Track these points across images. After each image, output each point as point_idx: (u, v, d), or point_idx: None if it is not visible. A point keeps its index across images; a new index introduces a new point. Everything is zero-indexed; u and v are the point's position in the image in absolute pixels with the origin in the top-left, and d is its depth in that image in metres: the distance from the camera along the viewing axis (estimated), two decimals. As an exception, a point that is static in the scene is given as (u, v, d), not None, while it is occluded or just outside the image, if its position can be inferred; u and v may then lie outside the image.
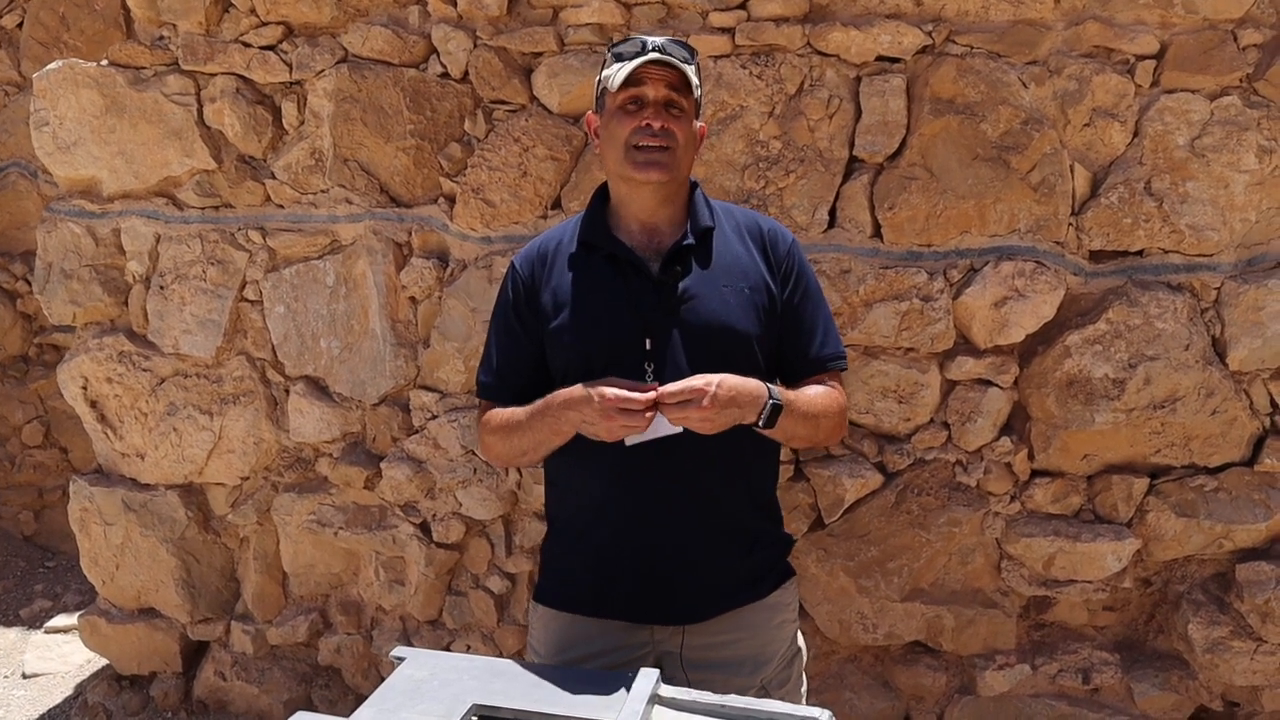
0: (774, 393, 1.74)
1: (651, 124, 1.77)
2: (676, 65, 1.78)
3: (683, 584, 1.86)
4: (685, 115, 1.82)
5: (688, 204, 1.90)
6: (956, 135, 2.54)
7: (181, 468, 3.09)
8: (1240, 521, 2.62)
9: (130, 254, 3.01)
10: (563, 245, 1.92)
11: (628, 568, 1.86)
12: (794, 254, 1.92)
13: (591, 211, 1.92)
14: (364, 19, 2.76)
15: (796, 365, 1.92)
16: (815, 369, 1.91)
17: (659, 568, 1.85)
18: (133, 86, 2.89)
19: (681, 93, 1.81)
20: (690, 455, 1.78)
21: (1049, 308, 2.57)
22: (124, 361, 3.04)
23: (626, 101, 1.80)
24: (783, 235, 1.94)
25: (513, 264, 1.96)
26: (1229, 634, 2.65)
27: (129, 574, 3.18)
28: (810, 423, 1.83)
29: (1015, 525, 2.69)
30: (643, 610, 1.88)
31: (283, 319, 2.94)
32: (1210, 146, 2.50)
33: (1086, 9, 2.49)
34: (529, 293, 1.92)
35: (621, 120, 1.80)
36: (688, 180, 1.91)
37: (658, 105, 1.79)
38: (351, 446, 2.99)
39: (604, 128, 1.86)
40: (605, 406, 1.67)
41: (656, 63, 1.77)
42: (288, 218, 2.91)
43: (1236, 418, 2.60)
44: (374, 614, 3.10)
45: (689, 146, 1.84)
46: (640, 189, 1.83)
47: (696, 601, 1.88)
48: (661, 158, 1.78)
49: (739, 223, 1.93)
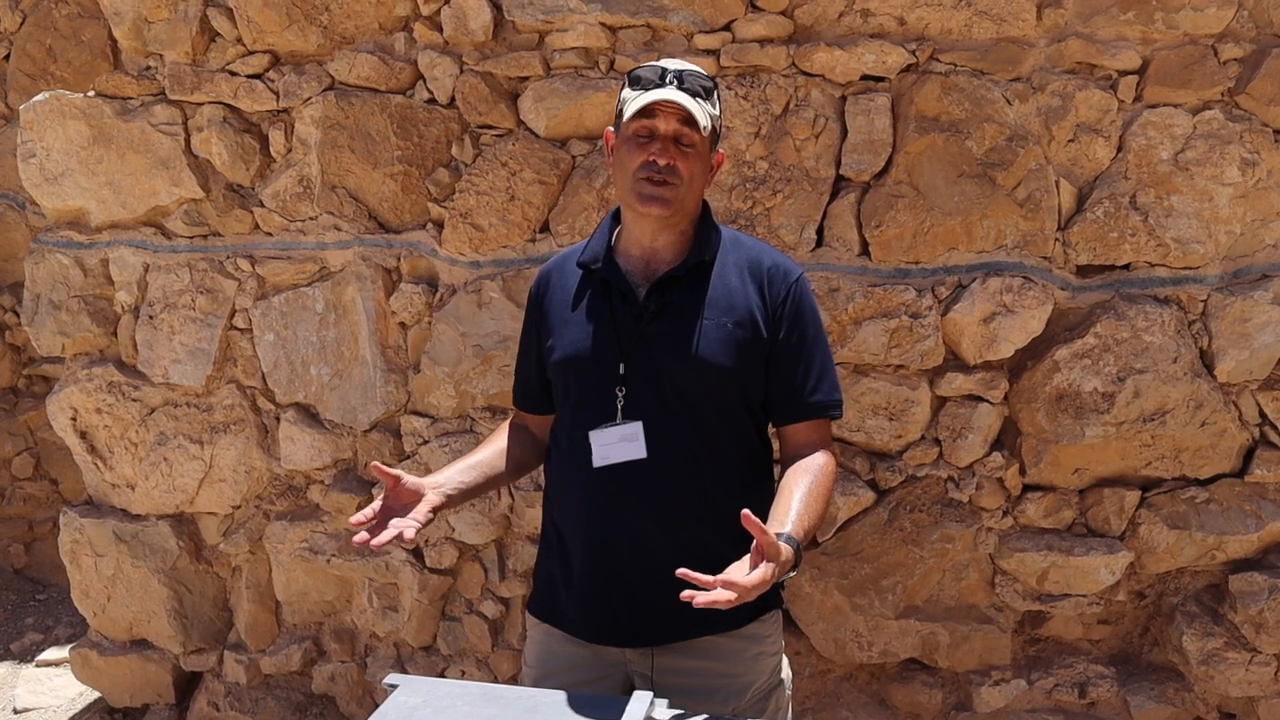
0: (796, 555, 1.66)
1: (658, 160, 1.76)
2: (684, 108, 1.74)
3: (649, 607, 1.84)
4: (695, 150, 1.79)
5: (695, 230, 1.89)
6: (942, 153, 2.56)
7: (172, 497, 3.07)
8: (1232, 532, 2.62)
9: (119, 284, 3.01)
10: (570, 266, 1.95)
11: (598, 588, 1.86)
12: (794, 295, 1.86)
13: (602, 231, 1.93)
14: (350, 46, 2.77)
15: (785, 408, 1.88)
16: (804, 414, 1.87)
17: (627, 590, 1.84)
18: (120, 117, 2.89)
19: (694, 127, 1.78)
20: (660, 480, 1.78)
21: (1037, 323, 2.58)
22: (113, 392, 3.03)
23: (639, 131, 1.79)
24: (784, 274, 1.87)
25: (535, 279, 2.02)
26: (1223, 645, 2.65)
27: (120, 605, 3.16)
28: (817, 519, 1.77)
29: (1008, 540, 2.69)
30: (612, 630, 1.88)
31: (272, 346, 2.93)
32: (1194, 160, 2.52)
33: (1068, 26, 2.52)
34: (536, 309, 1.98)
35: (632, 150, 1.79)
36: (695, 210, 1.90)
37: (666, 140, 1.77)
38: (343, 473, 2.98)
39: (617, 150, 1.85)
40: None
41: (669, 101, 1.75)
42: (276, 245, 2.91)
43: (1226, 429, 2.61)
44: (368, 641, 3.09)
45: (695, 181, 1.82)
46: (642, 218, 1.83)
47: (665, 625, 1.85)
48: (664, 193, 1.77)
49: (743, 256, 1.89)
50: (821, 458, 1.84)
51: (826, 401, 1.88)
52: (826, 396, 1.88)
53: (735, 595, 1.52)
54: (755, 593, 1.55)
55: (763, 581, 1.55)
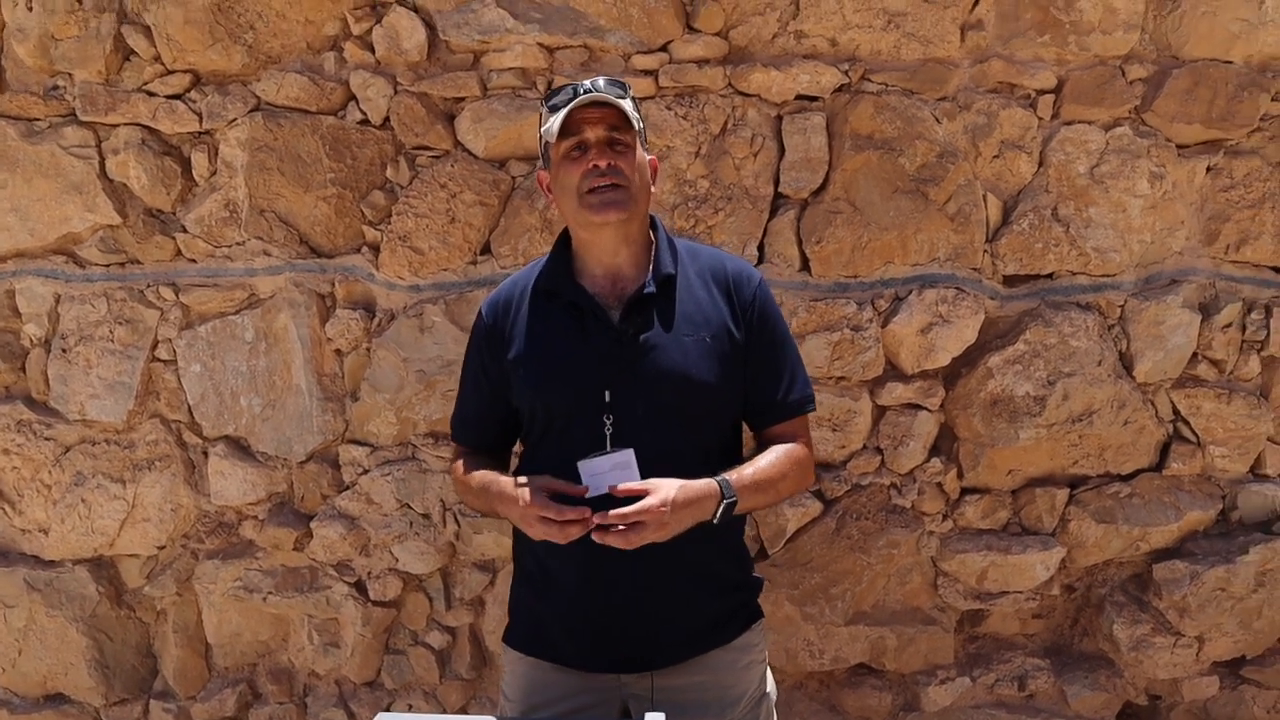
0: (727, 490, 1.74)
1: (598, 164, 1.77)
2: (611, 103, 1.78)
3: (650, 632, 1.86)
4: (630, 150, 1.82)
5: (650, 245, 1.91)
6: (877, 169, 2.64)
7: (90, 540, 2.90)
8: (1154, 524, 2.78)
9: (27, 316, 2.83)
10: (527, 291, 1.91)
11: (593, 617, 1.85)
12: (760, 297, 1.91)
13: (555, 256, 1.91)
14: (277, 66, 2.69)
15: (764, 411, 1.93)
16: (783, 414, 1.92)
17: (626, 616, 1.84)
18: (25, 139, 2.73)
19: (622, 130, 1.80)
20: None
21: (971, 331, 2.69)
22: (23, 431, 2.85)
23: (569, 149, 1.79)
24: (748, 278, 1.92)
25: (480, 310, 1.95)
26: (1150, 631, 2.80)
27: (33, 659, 2.96)
28: (768, 492, 1.84)
29: (949, 543, 2.79)
30: (610, 658, 1.87)
31: (199, 378, 2.81)
32: (1108, 174, 2.66)
33: (989, 48, 2.64)
34: (493, 340, 1.91)
35: (568, 169, 1.79)
36: (647, 217, 1.91)
37: (600, 145, 1.79)
38: (278, 507, 2.87)
39: (554, 180, 1.84)
40: (526, 514, 1.71)
41: (591, 104, 1.77)
42: (201, 272, 2.79)
43: (1145, 426, 2.77)
44: (307, 680, 2.97)
45: (642, 180, 1.84)
46: (601, 231, 1.82)
47: (664, 648, 1.87)
48: (616, 196, 1.78)
49: (704, 265, 1.91)
50: (793, 443, 1.91)
51: (801, 398, 1.95)
52: (800, 394, 1.95)
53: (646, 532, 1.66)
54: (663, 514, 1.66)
55: (662, 501, 1.66)
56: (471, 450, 2.01)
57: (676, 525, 1.70)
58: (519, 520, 1.76)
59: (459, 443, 2.04)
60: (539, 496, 1.71)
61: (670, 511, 1.67)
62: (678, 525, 1.70)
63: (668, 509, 1.67)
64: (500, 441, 2.01)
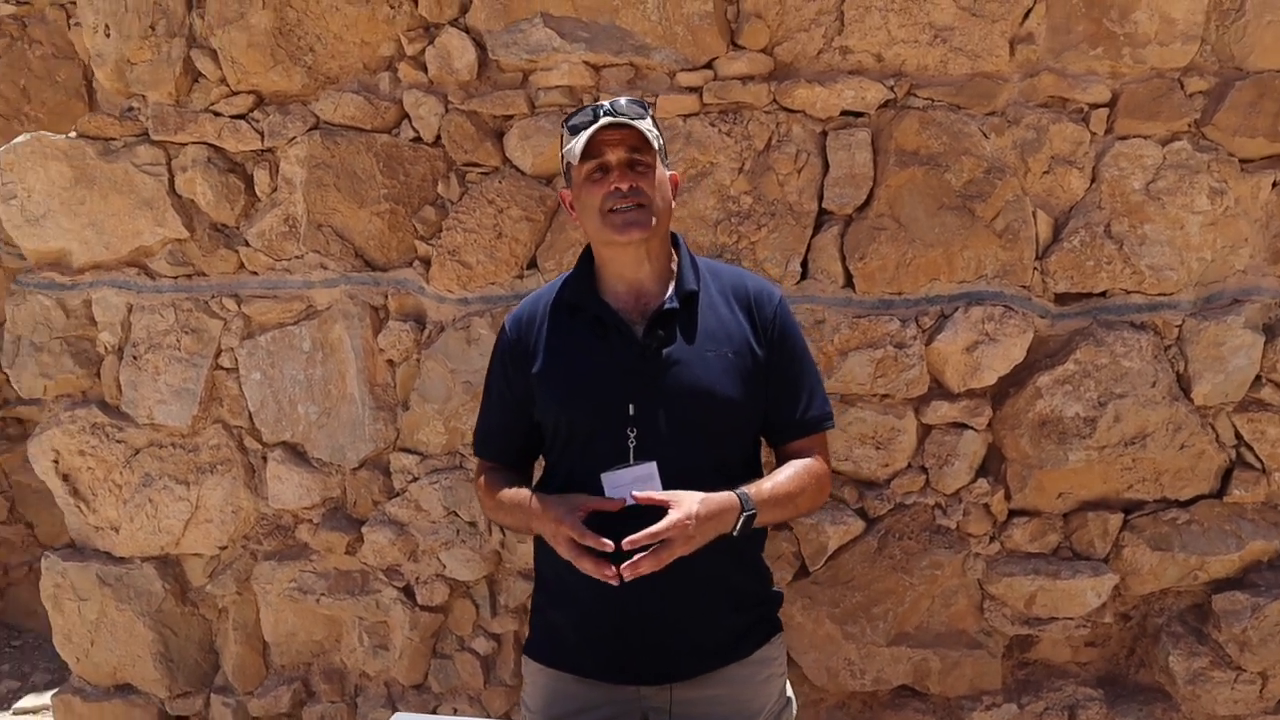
0: (746, 502, 1.76)
1: (620, 186, 1.80)
2: (631, 124, 1.80)
3: (669, 644, 1.87)
4: (651, 169, 1.84)
5: (672, 261, 1.93)
6: (922, 185, 2.61)
7: (157, 539, 3.04)
8: (1213, 553, 2.67)
9: (102, 325, 2.99)
10: (550, 306, 1.94)
11: (613, 628, 1.87)
12: (780, 315, 1.92)
13: (579, 272, 1.95)
14: (335, 86, 2.79)
15: (783, 428, 1.94)
16: (801, 431, 1.93)
17: (644, 628, 1.85)
18: (102, 158, 2.89)
19: (642, 150, 1.83)
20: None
21: (1019, 350, 2.63)
22: (97, 434, 3.01)
23: (591, 171, 1.82)
24: (769, 296, 1.94)
25: (503, 326, 1.99)
26: (1209, 664, 2.69)
27: (104, 650, 3.12)
28: (786, 506, 1.86)
29: (995, 565, 2.73)
30: (629, 670, 1.89)
31: (259, 386, 2.93)
32: (1165, 190, 2.58)
33: (1040, 61, 2.58)
34: (517, 355, 1.94)
35: (590, 190, 1.82)
36: (669, 235, 1.94)
37: (621, 167, 1.81)
38: (332, 512, 2.97)
39: (576, 200, 1.87)
40: (559, 533, 1.74)
41: (610, 126, 1.79)
42: (262, 284, 2.91)
43: (1204, 451, 2.67)
44: (358, 681, 3.06)
45: (664, 199, 1.86)
46: (624, 250, 1.85)
47: (683, 661, 1.88)
48: (638, 216, 1.80)
49: (725, 284, 1.93)
50: (811, 458, 1.92)
51: (820, 415, 1.96)
52: (819, 411, 1.96)
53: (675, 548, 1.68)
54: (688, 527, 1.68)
55: (687, 515, 1.68)
56: (495, 465, 2.05)
57: (701, 538, 1.71)
58: (550, 538, 1.79)
59: (482, 457, 2.08)
60: (572, 517, 1.74)
61: (695, 524, 1.69)
62: (702, 538, 1.72)
63: (692, 522, 1.69)
64: (523, 456, 2.04)
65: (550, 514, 1.77)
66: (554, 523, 1.75)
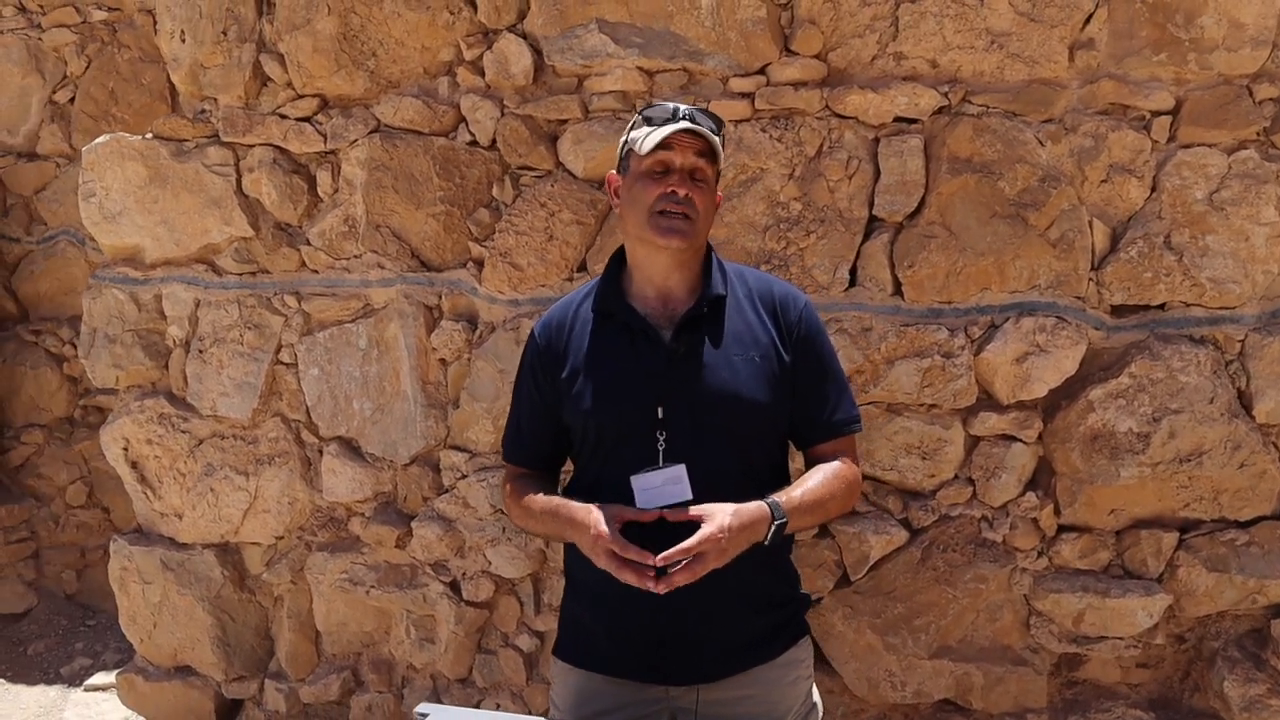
0: (777, 511, 1.76)
1: (677, 191, 1.82)
2: (706, 135, 1.83)
3: (696, 646, 1.88)
4: (708, 184, 1.87)
5: (702, 269, 1.94)
6: (974, 193, 2.58)
7: (218, 527, 3.15)
8: (1274, 576, 2.58)
9: (171, 319, 3.11)
10: (580, 312, 1.97)
11: (642, 630, 1.88)
12: (805, 318, 1.93)
13: (608, 277, 1.97)
14: (395, 90, 2.86)
15: (809, 431, 1.94)
16: (828, 434, 1.93)
17: (672, 630, 1.87)
18: (175, 158, 3.00)
19: (708, 161, 1.85)
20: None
21: (1071, 362, 2.58)
22: (164, 423, 3.13)
23: (654, 166, 1.84)
24: (794, 300, 1.94)
25: (533, 331, 2.02)
26: (1266, 691, 2.60)
27: (166, 632, 3.24)
28: (817, 512, 1.86)
29: (1043, 581, 2.67)
30: (657, 671, 1.90)
31: (317, 381, 3.01)
32: (1229, 200, 2.51)
33: (1100, 68, 2.53)
34: (546, 360, 1.97)
35: (646, 185, 1.84)
36: (704, 246, 1.96)
37: (683, 173, 1.83)
38: (383, 506, 3.04)
39: (626, 189, 1.89)
40: (597, 545, 1.74)
41: (687, 131, 1.82)
42: (322, 282, 2.99)
43: (1266, 471, 2.58)
44: (405, 672, 3.13)
45: (708, 215, 1.89)
46: (659, 253, 1.87)
47: (710, 662, 1.89)
48: (683, 225, 1.82)
49: (751, 288, 1.95)
50: (839, 462, 1.92)
51: (847, 418, 1.95)
52: (846, 414, 1.95)
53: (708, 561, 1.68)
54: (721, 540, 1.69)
55: (720, 528, 1.69)
56: (523, 472, 2.07)
57: (733, 550, 1.72)
58: (589, 549, 1.79)
59: (510, 462, 2.10)
60: (610, 528, 1.75)
61: (728, 538, 1.70)
62: (734, 550, 1.73)
63: (725, 535, 1.69)
64: (551, 461, 2.07)
65: (589, 526, 1.77)
66: (593, 536, 1.76)
